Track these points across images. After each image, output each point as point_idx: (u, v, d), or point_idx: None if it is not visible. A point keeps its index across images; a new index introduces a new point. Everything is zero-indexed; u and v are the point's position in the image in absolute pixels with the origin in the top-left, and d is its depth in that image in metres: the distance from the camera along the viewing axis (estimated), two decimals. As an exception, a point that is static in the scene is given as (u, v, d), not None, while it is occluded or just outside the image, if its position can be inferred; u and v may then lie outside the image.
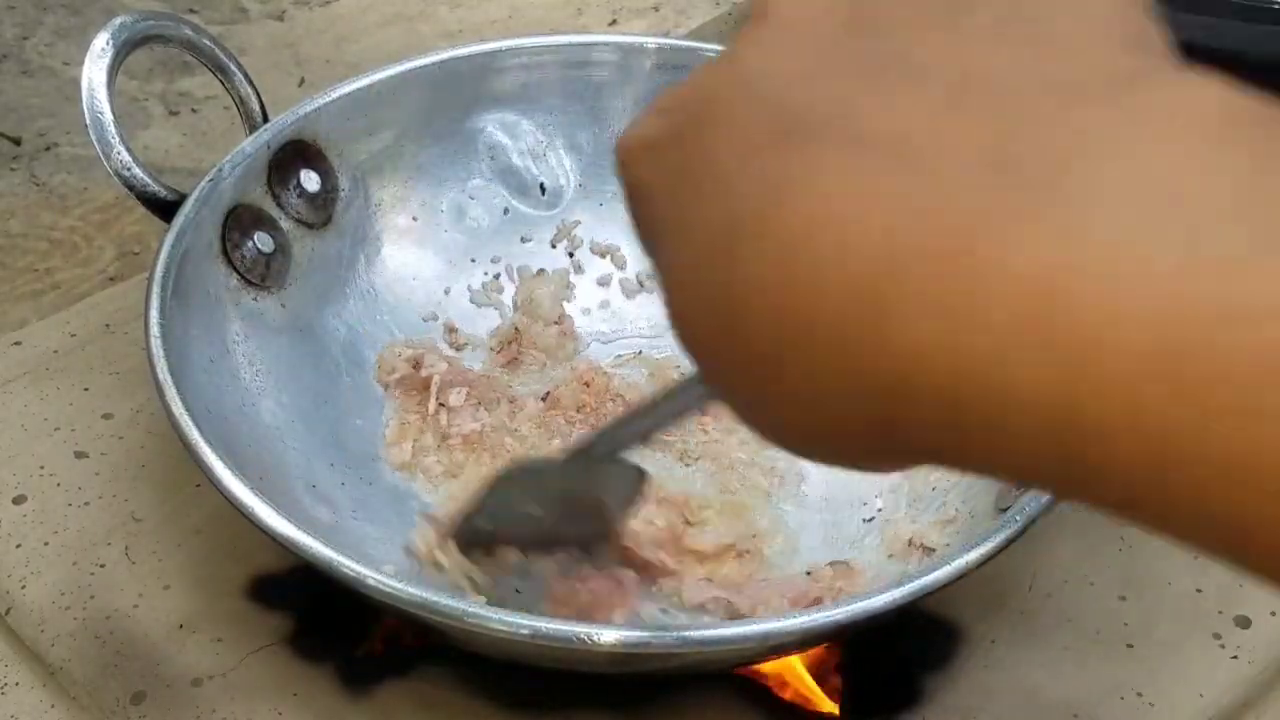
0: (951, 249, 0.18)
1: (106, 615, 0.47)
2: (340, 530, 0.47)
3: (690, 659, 0.40)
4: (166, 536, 0.50)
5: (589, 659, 0.40)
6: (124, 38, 0.50)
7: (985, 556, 0.39)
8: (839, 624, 0.38)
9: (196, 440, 0.41)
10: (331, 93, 0.55)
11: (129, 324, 0.58)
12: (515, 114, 0.59)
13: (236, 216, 0.51)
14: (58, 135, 1.24)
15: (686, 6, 1.52)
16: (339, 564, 0.38)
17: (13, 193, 1.16)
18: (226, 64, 0.54)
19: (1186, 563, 0.50)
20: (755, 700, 0.45)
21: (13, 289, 1.03)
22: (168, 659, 0.45)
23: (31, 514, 0.50)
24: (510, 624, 0.37)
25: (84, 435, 0.53)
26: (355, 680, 0.45)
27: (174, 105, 1.29)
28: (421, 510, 0.49)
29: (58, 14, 1.39)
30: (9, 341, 0.58)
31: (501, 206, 0.59)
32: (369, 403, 0.53)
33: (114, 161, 0.50)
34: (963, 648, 0.47)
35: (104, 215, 1.15)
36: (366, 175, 0.56)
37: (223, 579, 0.48)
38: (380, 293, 0.56)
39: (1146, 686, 0.46)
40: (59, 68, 1.32)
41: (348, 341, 0.54)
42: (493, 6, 1.49)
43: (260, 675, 0.45)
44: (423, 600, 0.37)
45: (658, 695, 0.45)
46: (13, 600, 0.47)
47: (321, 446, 0.50)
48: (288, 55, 1.37)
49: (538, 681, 0.45)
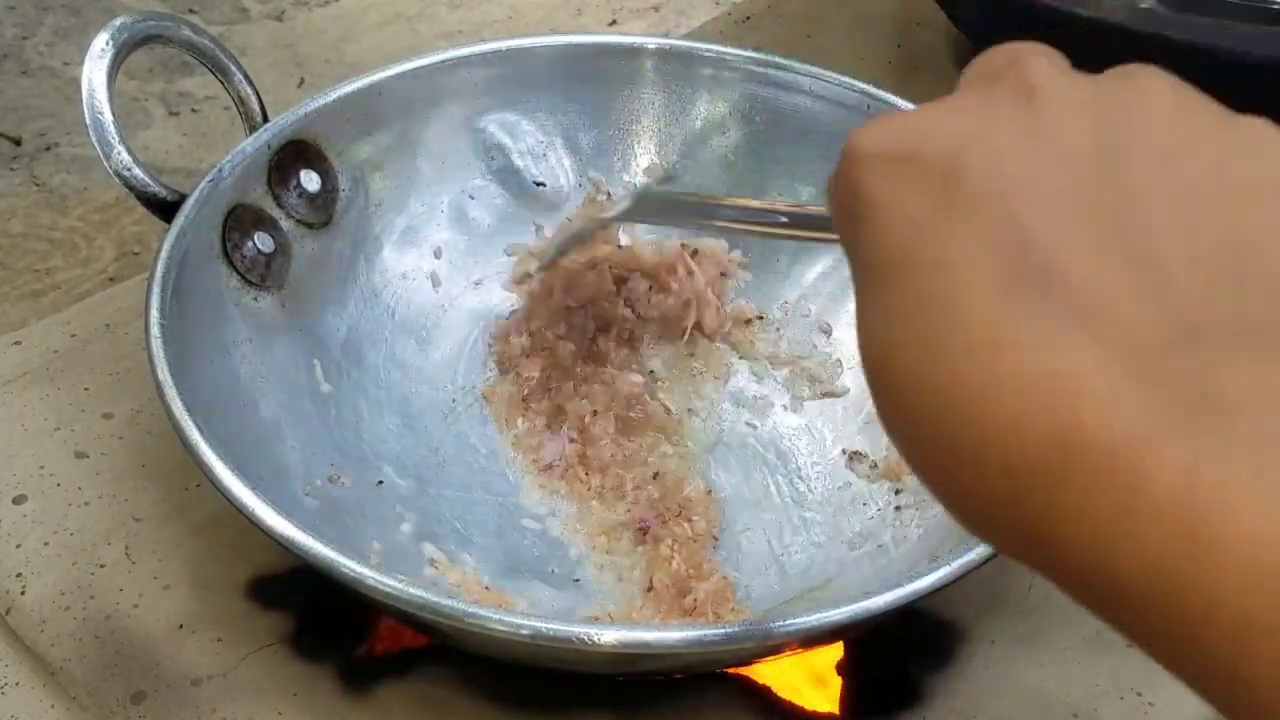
0: (1127, 456, 0.19)
1: (106, 615, 0.47)
2: (340, 530, 0.47)
3: (690, 659, 0.40)
4: (166, 536, 0.50)
5: (589, 659, 0.40)
6: (124, 38, 0.50)
7: (985, 556, 0.39)
8: (839, 624, 0.39)
9: (196, 440, 0.41)
10: (331, 93, 0.55)
11: (129, 324, 0.58)
12: (515, 114, 0.59)
13: (236, 216, 0.51)
14: (58, 135, 1.24)
15: (686, 6, 1.52)
16: (339, 564, 0.38)
17: (13, 193, 1.16)
18: (226, 64, 0.54)
19: (1186, 563, 0.50)
20: (755, 700, 0.45)
21: (13, 289, 1.03)
22: (168, 659, 0.45)
23: (31, 514, 0.50)
24: (510, 624, 0.37)
25: (84, 435, 0.53)
26: (355, 680, 0.45)
27: (174, 105, 1.29)
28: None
29: (58, 14, 1.39)
30: (9, 341, 0.58)
31: (501, 206, 0.60)
32: (369, 402, 0.53)
33: (114, 161, 0.50)
34: (963, 648, 0.47)
35: (104, 215, 1.15)
36: (366, 175, 0.56)
37: (223, 579, 0.48)
38: (380, 293, 0.56)
39: (1146, 686, 0.46)
40: (59, 68, 1.32)
41: (348, 341, 0.54)
42: (493, 6, 1.50)
43: (260, 675, 0.45)
44: (423, 600, 0.37)
45: (658, 695, 0.45)
46: (13, 600, 0.47)
47: (321, 446, 0.50)
48: (288, 55, 1.37)
49: (538, 681, 0.45)
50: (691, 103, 0.60)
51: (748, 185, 0.59)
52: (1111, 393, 0.19)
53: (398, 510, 0.50)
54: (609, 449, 0.53)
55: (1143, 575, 0.19)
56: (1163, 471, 0.18)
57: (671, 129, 0.60)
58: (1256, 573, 0.17)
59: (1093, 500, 0.19)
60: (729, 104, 0.59)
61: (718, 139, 0.60)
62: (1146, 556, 0.18)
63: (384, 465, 0.52)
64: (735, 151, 0.60)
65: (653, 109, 0.60)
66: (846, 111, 0.57)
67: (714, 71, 0.59)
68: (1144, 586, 0.19)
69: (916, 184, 0.22)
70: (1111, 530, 0.19)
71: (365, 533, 0.48)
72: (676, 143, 0.60)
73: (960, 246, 0.21)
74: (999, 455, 0.20)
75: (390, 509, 0.50)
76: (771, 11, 0.83)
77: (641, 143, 0.60)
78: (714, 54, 0.59)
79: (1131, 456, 0.19)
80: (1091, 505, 0.19)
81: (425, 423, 0.54)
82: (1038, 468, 0.19)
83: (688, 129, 0.60)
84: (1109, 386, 0.19)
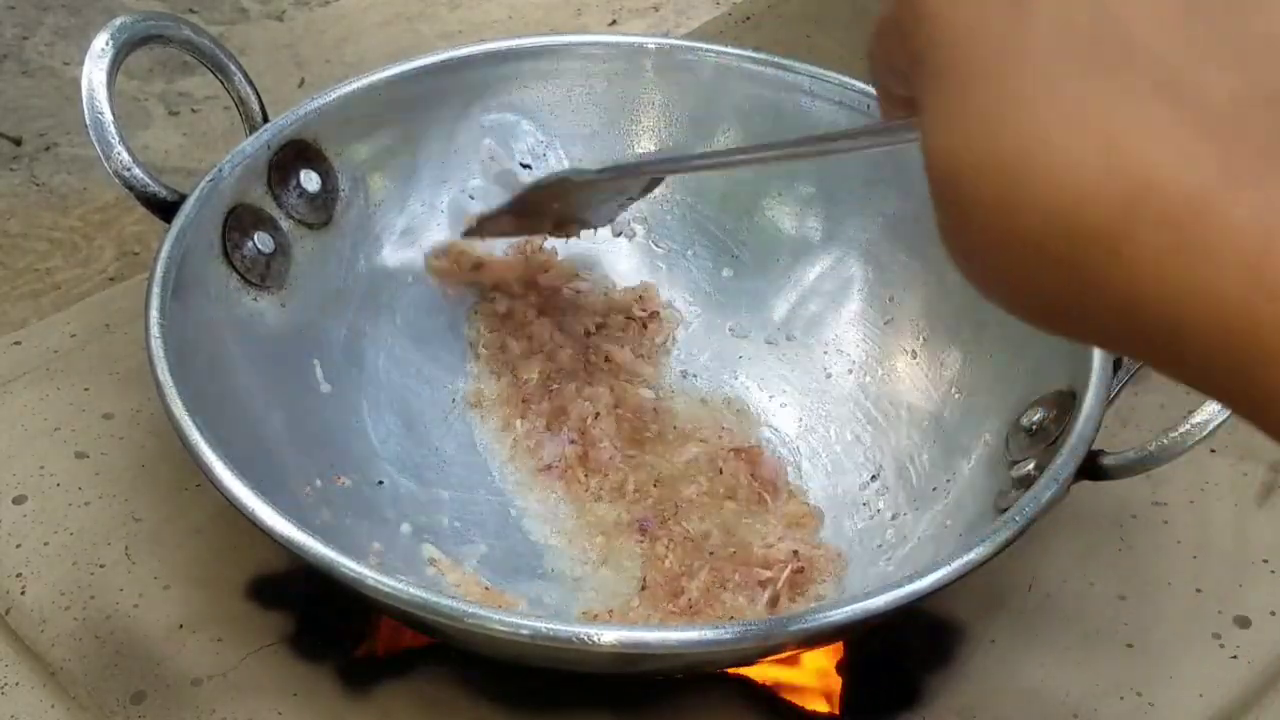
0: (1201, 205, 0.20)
1: (106, 615, 0.47)
2: (340, 530, 0.47)
3: (690, 659, 0.40)
4: (166, 536, 0.50)
5: (589, 659, 0.40)
6: (124, 38, 0.50)
7: (985, 556, 0.39)
8: (839, 624, 0.38)
9: (196, 440, 0.41)
10: (331, 93, 0.55)
11: (129, 324, 0.58)
12: (515, 114, 0.59)
13: (236, 216, 0.51)
14: (58, 135, 1.24)
15: (686, 6, 1.52)
16: (339, 564, 0.38)
17: (13, 193, 1.16)
18: (226, 64, 0.54)
19: (1186, 563, 0.50)
20: (755, 700, 0.45)
21: (13, 289, 1.03)
22: (168, 659, 0.45)
23: (31, 514, 0.50)
24: (510, 624, 0.37)
25: (84, 435, 0.53)
26: (355, 680, 0.45)
27: (174, 105, 1.29)
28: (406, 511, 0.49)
29: (58, 14, 1.39)
30: (9, 341, 0.58)
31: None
32: (369, 402, 0.53)
33: (114, 161, 0.50)
34: (963, 648, 0.47)
35: (104, 215, 1.15)
36: (366, 175, 0.56)
37: (223, 579, 0.48)
38: (380, 293, 0.56)
39: (1146, 686, 0.46)
40: (59, 68, 1.32)
41: (348, 341, 0.54)
42: (493, 6, 1.49)
43: (260, 675, 0.45)
44: (423, 600, 0.37)
45: (658, 695, 0.45)
46: (13, 600, 0.47)
47: (321, 446, 0.50)
48: (288, 55, 1.37)
49: (538, 681, 0.45)
50: (691, 102, 0.60)
51: (748, 185, 0.59)
52: (1188, 149, 0.20)
53: (398, 510, 0.50)
54: (608, 451, 0.53)
55: (1213, 321, 0.20)
56: (1236, 215, 0.19)
57: (671, 129, 0.60)
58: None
59: (1164, 252, 0.20)
60: (729, 104, 0.59)
61: (718, 139, 0.60)
62: (1217, 302, 0.19)
63: (384, 465, 0.52)
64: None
65: (653, 109, 0.60)
66: (846, 111, 0.57)
67: (714, 71, 0.59)
68: (1214, 333, 0.20)
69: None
70: (1182, 279, 0.20)
71: (365, 533, 0.48)
72: (676, 143, 0.60)
73: (1035, 32, 0.22)
74: (1067, 221, 0.21)
75: (390, 509, 0.50)
76: (771, 11, 0.83)
77: (641, 143, 0.60)
78: (714, 54, 0.59)
79: (1205, 205, 0.19)
80: (1163, 257, 0.20)
81: (425, 423, 0.54)
82: (1108, 227, 0.20)
83: (688, 129, 0.60)
84: (1185, 145, 0.20)
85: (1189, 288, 0.20)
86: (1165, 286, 0.20)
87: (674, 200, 0.60)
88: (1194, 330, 0.20)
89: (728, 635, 0.38)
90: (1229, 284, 0.19)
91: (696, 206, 0.60)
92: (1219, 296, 0.19)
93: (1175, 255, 0.20)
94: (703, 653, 0.39)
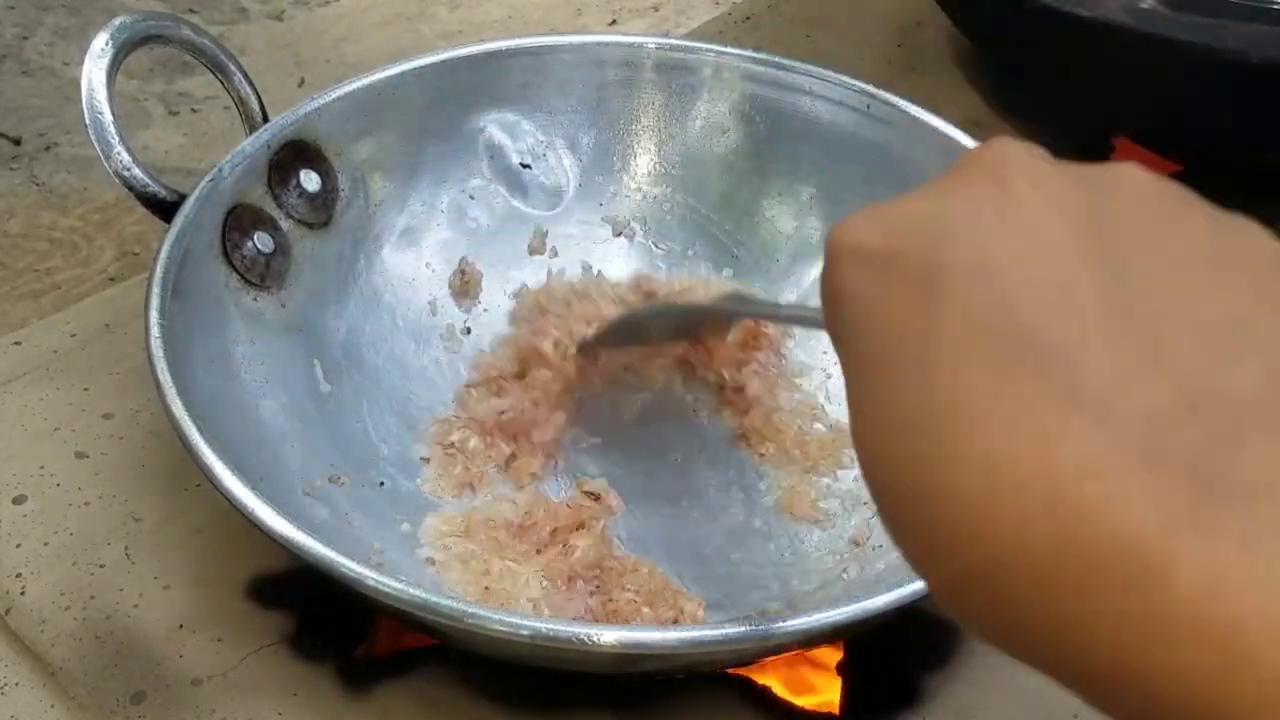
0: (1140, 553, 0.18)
1: (106, 615, 0.47)
2: (340, 530, 0.47)
3: (690, 659, 0.40)
4: (166, 536, 0.50)
5: (589, 659, 0.40)
6: (124, 38, 0.50)
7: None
8: (839, 624, 0.39)
9: (196, 440, 0.41)
10: (331, 93, 0.55)
11: (129, 324, 0.58)
12: (515, 114, 0.59)
13: (236, 216, 0.51)
14: (58, 135, 1.24)
15: (686, 6, 1.52)
16: (339, 564, 0.38)
17: (13, 193, 1.16)
18: (226, 64, 0.54)
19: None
20: (755, 700, 0.45)
21: (13, 289, 1.03)
22: (168, 659, 0.45)
23: (31, 514, 0.50)
24: (510, 624, 0.37)
25: (84, 435, 0.53)
26: (355, 680, 0.45)
27: (174, 105, 1.29)
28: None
29: (58, 14, 1.39)
30: (9, 341, 0.58)
31: (501, 206, 0.60)
32: (369, 403, 0.53)
33: (114, 161, 0.50)
34: (963, 648, 0.47)
35: (104, 215, 1.15)
36: (366, 175, 0.56)
37: (223, 579, 0.48)
38: (380, 293, 0.56)
39: (1146, 687, 0.46)
40: (59, 68, 1.32)
41: (348, 341, 0.54)
42: (493, 6, 1.49)
43: (260, 675, 0.45)
44: (423, 600, 0.37)
45: (658, 695, 0.45)
46: (13, 600, 0.47)
47: (321, 446, 0.50)
48: (288, 55, 1.37)
49: (538, 681, 0.45)
50: (691, 102, 0.60)
51: (748, 185, 0.60)
52: (1118, 480, 0.18)
53: (398, 510, 0.50)
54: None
55: (1174, 685, 0.18)
56: (1183, 571, 0.18)
57: (671, 129, 0.60)
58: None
59: (1109, 604, 0.18)
60: (729, 104, 0.59)
61: (718, 139, 0.60)
62: (1176, 665, 0.18)
63: (384, 465, 0.52)
64: (735, 152, 0.60)
65: (653, 109, 0.60)
66: (846, 111, 0.57)
67: (714, 71, 0.59)
68: (1177, 697, 0.18)
69: (899, 280, 0.22)
70: (1131, 636, 0.18)
71: (365, 533, 0.48)
72: (676, 143, 0.60)
73: (946, 339, 0.21)
74: (1004, 557, 0.19)
75: (390, 509, 0.50)
76: (771, 11, 0.83)
77: (641, 143, 0.60)
78: (714, 54, 0.59)
79: (1145, 554, 0.18)
80: (1107, 609, 0.18)
81: (425, 423, 0.54)
82: (1047, 569, 0.19)
83: (688, 129, 0.60)
84: (1113, 472, 0.18)
85: (1144, 647, 0.18)
86: (1117, 641, 0.18)
87: (674, 200, 0.60)
88: (1163, 697, 0.18)
89: (728, 635, 0.38)
90: (1190, 654, 0.18)
91: (696, 207, 0.60)
92: (1181, 666, 0.18)
93: (1121, 604, 0.18)
94: (703, 653, 0.39)
